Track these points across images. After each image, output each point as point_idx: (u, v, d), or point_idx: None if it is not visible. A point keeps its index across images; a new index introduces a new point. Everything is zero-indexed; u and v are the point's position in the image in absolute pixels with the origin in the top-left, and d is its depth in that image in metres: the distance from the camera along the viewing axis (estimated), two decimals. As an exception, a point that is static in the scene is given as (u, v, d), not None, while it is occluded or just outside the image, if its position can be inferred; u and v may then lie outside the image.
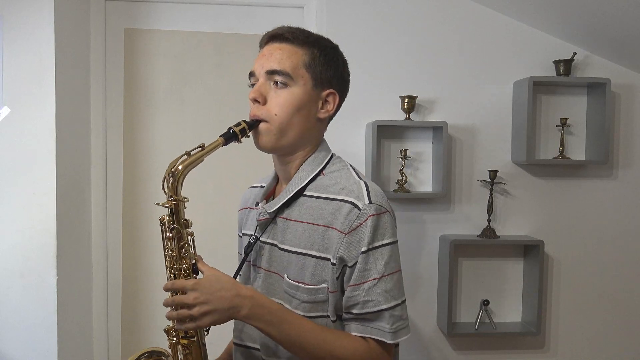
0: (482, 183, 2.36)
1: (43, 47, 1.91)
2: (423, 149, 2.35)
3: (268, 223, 1.15)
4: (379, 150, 2.31)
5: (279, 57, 1.08)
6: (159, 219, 1.10)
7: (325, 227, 1.07)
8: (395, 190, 2.27)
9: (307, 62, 1.10)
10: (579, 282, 2.44)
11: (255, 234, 1.17)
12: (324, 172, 1.14)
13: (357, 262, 1.04)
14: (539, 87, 2.34)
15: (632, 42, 2.18)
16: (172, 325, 1.10)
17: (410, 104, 2.24)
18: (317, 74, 1.11)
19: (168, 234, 1.09)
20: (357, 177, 1.12)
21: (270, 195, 1.22)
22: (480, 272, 2.40)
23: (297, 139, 1.12)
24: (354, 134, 2.31)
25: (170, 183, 1.05)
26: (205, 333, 1.14)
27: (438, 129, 2.26)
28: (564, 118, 2.33)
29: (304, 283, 1.08)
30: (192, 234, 1.10)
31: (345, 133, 2.27)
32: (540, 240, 2.28)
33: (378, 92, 2.30)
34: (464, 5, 2.33)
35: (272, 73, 1.08)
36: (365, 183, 1.10)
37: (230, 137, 1.06)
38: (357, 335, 1.06)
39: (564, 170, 2.41)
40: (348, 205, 1.06)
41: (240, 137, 1.07)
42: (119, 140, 2.29)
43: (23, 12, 1.90)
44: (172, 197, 1.06)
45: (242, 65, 2.29)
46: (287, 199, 1.12)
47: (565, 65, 2.29)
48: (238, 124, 1.07)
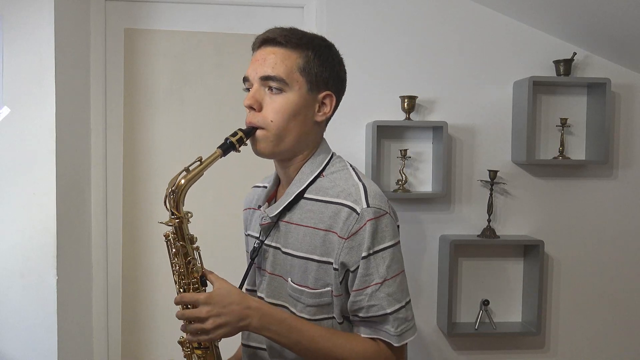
0: (482, 183, 2.36)
1: (43, 47, 1.90)
2: (423, 149, 2.35)
3: (271, 227, 1.15)
4: (379, 150, 2.31)
5: (273, 62, 1.06)
6: (164, 235, 1.10)
7: (326, 231, 1.06)
8: (395, 190, 2.27)
9: (301, 65, 1.08)
10: (579, 282, 2.44)
11: (260, 239, 1.17)
12: (324, 173, 1.13)
13: (358, 267, 1.04)
14: (539, 87, 2.34)
15: (632, 42, 2.18)
16: (185, 337, 1.11)
17: (410, 104, 2.24)
18: (312, 77, 1.09)
19: (174, 250, 1.09)
20: (356, 178, 1.11)
21: (272, 198, 1.22)
22: (480, 272, 2.40)
23: (294, 144, 1.10)
24: (354, 134, 2.31)
25: (172, 201, 1.05)
26: (216, 342, 1.15)
27: (438, 129, 2.26)
28: (564, 118, 2.33)
29: (308, 287, 1.08)
30: (197, 248, 1.11)
31: (345, 133, 2.27)
32: (540, 240, 2.28)
33: (378, 92, 2.30)
34: (464, 5, 2.33)
35: (266, 79, 1.07)
36: (364, 185, 1.08)
37: (228, 147, 1.05)
38: (366, 337, 1.07)
39: (564, 170, 2.41)
40: (346, 210, 1.05)
41: (238, 146, 1.06)
42: (119, 140, 2.29)
43: (23, 12, 1.89)
44: (175, 215, 1.06)
45: (242, 65, 2.26)
46: (287, 203, 1.12)
47: (565, 65, 2.29)
48: (235, 134, 1.06)
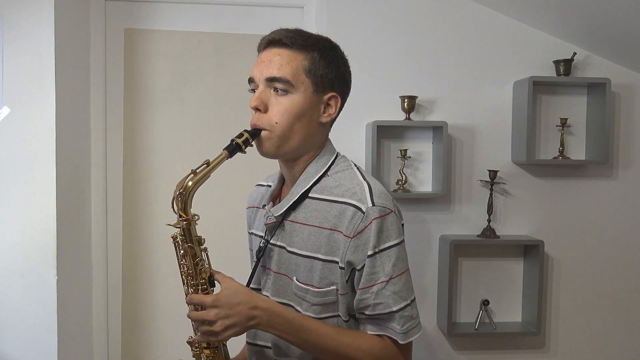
0: (482, 183, 2.36)
1: (43, 47, 1.90)
2: (423, 149, 2.35)
3: (276, 226, 1.15)
4: (379, 150, 2.31)
5: (279, 63, 1.07)
6: (172, 237, 1.11)
7: (331, 230, 1.07)
8: (395, 190, 2.27)
9: (307, 67, 1.08)
10: (579, 282, 2.44)
11: (265, 238, 1.18)
12: (329, 173, 1.14)
13: (364, 265, 1.05)
14: (539, 87, 2.34)
15: (632, 42, 2.18)
16: (194, 338, 1.13)
17: (410, 104, 2.24)
18: (317, 79, 1.09)
19: (182, 252, 1.10)
20: (360, 177, 1.12)
21: (277, 197, 1.22)
22: (480, 272, 2.40)
23: (299, 145, 1.11)
24: (354, 134, 2.31)
25: (180, 203, 1.06)
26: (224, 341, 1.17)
27: (438, 129, 2.26)
28: (564, 118, 2.33)
29: (313, 286, 1.09)
30: (205, 249, 1.11)
31: (345, 133, 2.27)
32: (540, 240, 2.28)
33: (378, 92, 2.30)
34: (464, 5, 2.33)
35: (272, 80, 1.07)
36: (369, 184, 1.09)
37: (234, 149, 1.06)
38: (372, 334, 1.08)
39: (564, 170, 2.41)
40: (352, 209, 1.05)
41: (244, 147, 1.07)
42: (119, 140, 2.29)
43: (23, 12, 1.89)
44: (182, 217, 1.07)
45: (242, 66, 2.29)
46: (292, 202, 1.12)
47: (565, 65, 2.29)
48: (240, 135, 1.07)
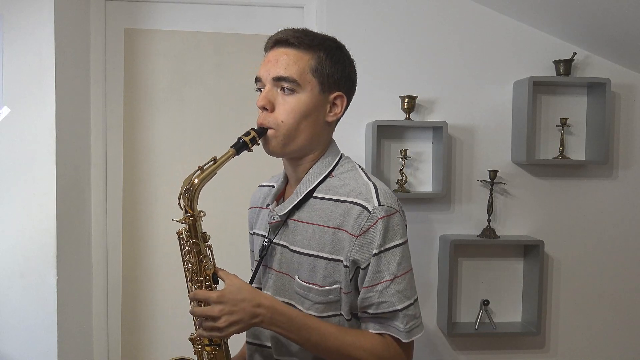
0: (482, 183, 2.36)
1: (43, 47, 1.90)
2: (423, 149, 2.35)
3: (280, 225, 1.16)
4: (379, 150, 2.31)
5: (285, 63, 1.08)
6: (177, 233, 1.11)
7: (336, 229, 1.08)
8: (395, 190, 2.27)
9: (313, 67, 1.09)
10: (579, 282, 2.44)
11: (268, 237, 1.18)
12: (333, 173, 1.15)
13: (369, 264, 1.05)
14: (539, 87, 2.34)
15: (632, 42, 2.18)
16: (196, 334, 1.13)
17: (410, 104, 2.24)
18: (324, 78, 1.10)
19: (187, 248, 1.10)
20: (365, 178, 1.13)
21: (281, 197, 1.22)
22: (480, 272, 2.40)
23: (305, 144, 1.12)
24: (354, 134, 2.31)
25: (187, 199, 1.06)
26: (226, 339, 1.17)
27: (438, 129, 2.26)
28: (564, 118, 2.33)
29: (316, 285, 1.09)
30: (210, 246, 1.12)
31: (345, 133, 2.26)
32: (540, 240, 2.28)
33: (378, 92, 2.30)
34: (464, 5, 2.33)
35: (278, 80, 1.08)
36: (374, 184, 1.10)
37: (242, 147, 1.07)
38: (374, 333, 1.09)
39: (564, 170, 2.41)
40: (357, 208, 1.06)
41: (251, 146, 1.08)
42: (119, 140, 2.29)
43: (23, 12, 1.89)
44: (189, 213, 1.08)
45: (242, 66, 2.29)
46: (297, 202, 1.13)
47: (565, 65, 2.29)
48: (247, 133, 1.08)
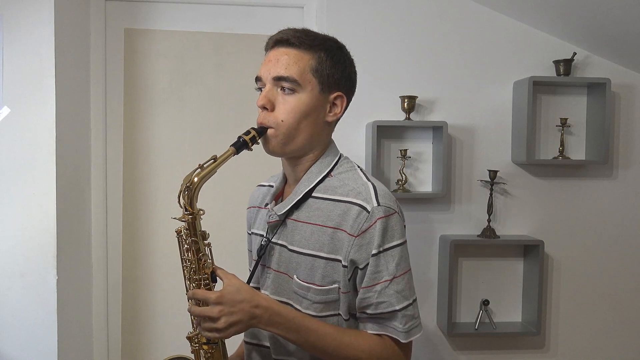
0: (482, 183, 2.36)
1: (43, 47, 1.90)
2: (423, 149, 2.35)
3: (278, 225, 1.16)
4: (379, 150, 2.31)
5: (286, 63, 1.08)
6: (176, 231, 1.11)
7: (334, 229, 1.08)
8: (395, 190, 2.27)
9: (314, 66, 1.09)
10: (579, 282, 2.44)
11: (267, 237, 1.18)
12: (332, 173, 1.15)
13: (368, 264, 1.05)
14: (539, 87, 2.34)
15: (632, 42, 2.18)
16: (194, 333, 1.13)
17: (410, 104, 2.24)
18: (324, 78, 1.11)
19: (186, 246, 1.10)
20: (364, 178, 1.13)
21: (279, 197, 1.23)
22: (480, 272, 2.40)
23: (305, 144, 1.12)
24: (354, 134, 2.31)
25: (186, 197, 1.06)
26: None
27: (438, 129, 2.26)
28: (564, 118, 2.33)
29: (315, 284, 1.09)
30: (209, 245, 1.12)
31: (345, 133, 2.27)
32: (540, 240, 2.28)
33: (378, 92, 2.30)
34: (464, 5, 2.33)
35: (279, 79, 1.09)
36: (373, 184, 1.10)
37: (242, 146, 1.07)
38: (372, 333, 1.09)
39: (564, 170, 2.41)
40: (356, 208, 1.06)
41: (251, 145, 1.08)
42: (119, 140, 2.29)
43: (23, 12, 1.89)
44: (188, 211, 1.08)
45: (242, 65, 2.29)
46: (295, 201, 1.13)
47: (565, 65, 2.29)
48: (247, 132, 1.08)
